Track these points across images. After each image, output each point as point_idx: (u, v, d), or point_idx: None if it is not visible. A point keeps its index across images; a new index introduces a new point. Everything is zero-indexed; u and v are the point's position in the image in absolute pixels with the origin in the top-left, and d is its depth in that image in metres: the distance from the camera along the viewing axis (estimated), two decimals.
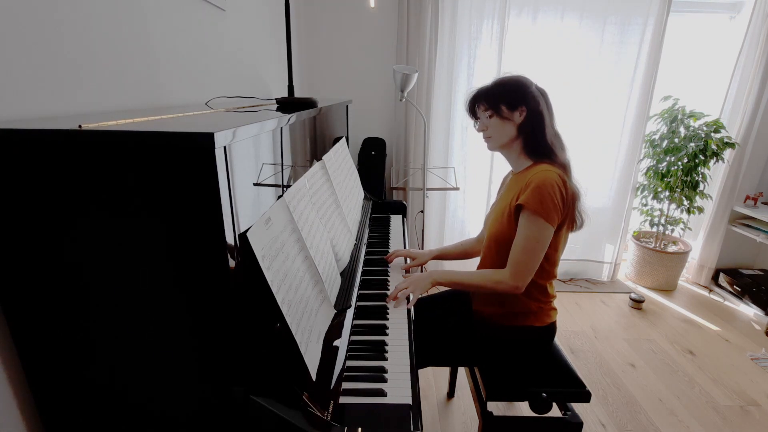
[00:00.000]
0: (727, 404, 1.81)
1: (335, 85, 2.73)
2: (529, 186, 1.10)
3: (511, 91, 1.17)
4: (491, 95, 1.19)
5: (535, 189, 1.08)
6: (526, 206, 1.09)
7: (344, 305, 1.02)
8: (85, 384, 0.69)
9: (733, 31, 2.72)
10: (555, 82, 2.57)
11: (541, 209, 1.07)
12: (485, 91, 1.20)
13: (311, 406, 0.70)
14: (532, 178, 1.11)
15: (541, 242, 1.10)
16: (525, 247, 1.11)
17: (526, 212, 1.10)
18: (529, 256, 1.11)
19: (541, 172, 1.11)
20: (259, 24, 1.81)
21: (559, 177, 1.10)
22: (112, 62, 0.89)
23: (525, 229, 1.11)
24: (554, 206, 1.08)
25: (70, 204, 0.59)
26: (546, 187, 1.07)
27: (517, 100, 1.16)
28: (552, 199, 1.07)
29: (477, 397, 1.28)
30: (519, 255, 1.12)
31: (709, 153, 2.54)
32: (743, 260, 2.94)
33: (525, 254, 1.11)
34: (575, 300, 2.71)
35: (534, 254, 1.11)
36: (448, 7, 2.49)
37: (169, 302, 0.63)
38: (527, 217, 1.10)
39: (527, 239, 1.10)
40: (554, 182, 1.08)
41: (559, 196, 1.08)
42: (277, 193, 0.88)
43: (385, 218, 1.89)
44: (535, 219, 1.09)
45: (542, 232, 1.09)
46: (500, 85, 1.19)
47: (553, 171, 1.11)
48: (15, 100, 0.67)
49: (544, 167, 1.13)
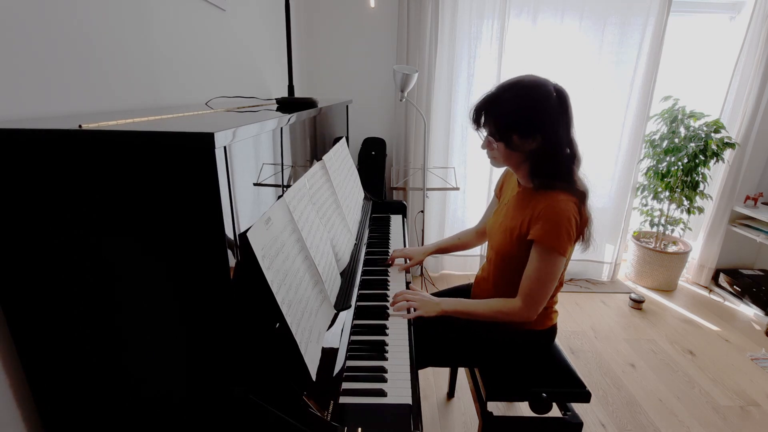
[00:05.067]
0: (727, 404, 1.81)
1: (335, 85, 2.73)
2: (541, 219, 1.04)
3: (526, 117, 1.02)
4: (502, 120, 1.04)
5: (550, 224, 1.02)
6: (539, 242, 1.04)
7: (344, 305, 1.02)
8: (85, 384, 0.69)
9: (733, 31, 2.72)
10: None
11: (557, 244, 1.02)
12: (496, 110, 1.05)
13: (311, 406, 0.69)
14: (545, 211, 1.03)
15: (555, 274, 1.06)
16: (539, 279, 1.06)
17: (540, 247, 1.05)
18: (542, 287, 1.07)
19: (556, 204, 1.02)
20: (259, 24, 1.81)
21: (574, 206, 1.03)
22: (113, 62, 0.89)
23: (539, 262, 1.06)
24: (569, 238, 1.03)
25: (70, 204, 0.59)
26: (562, 222, 1.01)
27: (533, 129, 1.02)
28: (567, 233, 1.02)
29: (477, 398, 1.28)
30: (531, 285, 1.07)
31: (709, 153, 2.54)
32: (743, 260, 2.94)
33: (539, 286, 1.07)
34: (575, 300, 2.71)
35: (547, 285, 1.07)
36: (448, 7, 2.49)
37: (169, 302, 0.63)
38: (541, 252, 1.05)
39: (541, 272, 1.06)
40: (570, 215, 1.02)
41: (574, 227, 1.03)
42: (277, 193, 0.88)
43: (385, 218, 1.89)
44: (550, 254, 1.04)
45: (556, 265, 1.05)
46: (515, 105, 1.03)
47: (569, 201, 1.03)
48: (15, 100, 0.67)
49: (559, 198, 1.03)
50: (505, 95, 1.05)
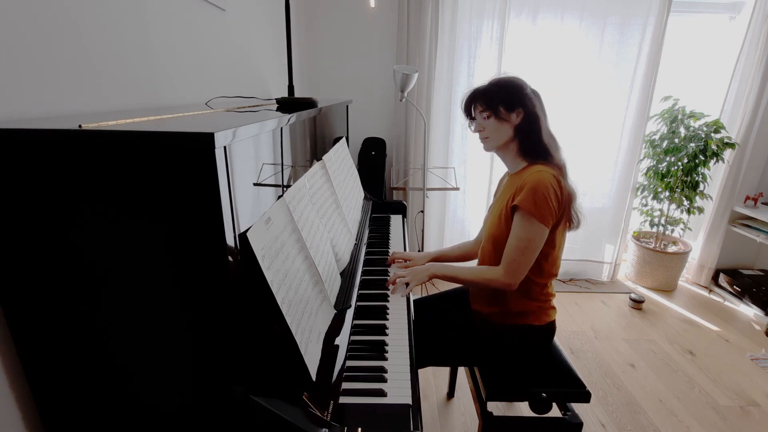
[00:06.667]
0: (727, 404, 1.81)
1: (335, 85, 2.73)
2: (524, 187, 1.11)
3: (509, 92, 1.17)
4: (489, 96, 1.19)
5: (530, 190, 1.09)
6: (520, 207, 1.11)
7: (344, 305, 1.02)
8: (86, 384, 0.69)
9: (733, 31, 2.72)
10: (555, 83, 2.58)
11: (535, 210, 1.09)
12: (482, 92, 1.20)
13: (311, 406, 0.70)
14: (527, 180, 1.12)
15: (534, 242, 1.11)
16: (518, 246, 1.12)
17: (520, 212, 1.12)
18: (521, 255, 1.12)
19: (536, 173, 1.12)
20: (259, 24, 1.81)
21: (553, 177, 1.11)
22: (113, 62, 0.89)
23: (518, 228, 1.13)
24: (548, 207, 1.09)
25: (70, 204, 0.59)
26: (540, 188, 1.09)
27: (515, 102, 1.16)
28: (546, 200, 1.08)
29: (477, 397, 1.28)
30: (512, 254, 1.13)
31: (709, 153, 2.54)
32: (743, 260, 2.94)
33: (517, 253, 1.12)
34: (575, 300, 2.70)
35: (526, 253, 1.12)
36: (448, 7, 2.49)
37: (169, 302, 0.63)
38: (521, 218, 1.12)
39: (520, 239, 1.12)
40: (549, 183, 1.09)
41: (554, 197, 1.09)
42: (277, 193, 0.88)
43: (385, 218, 1.89)
44: (529, 219, 1.10)
45: (535, 233, 1.11)
46: (497, 85, 1.19)
47: (548, 172, 1.12)
48: (15, 100, 0.67)
49: (539, 168, 1.14)
50: (488, 83, 1.22)
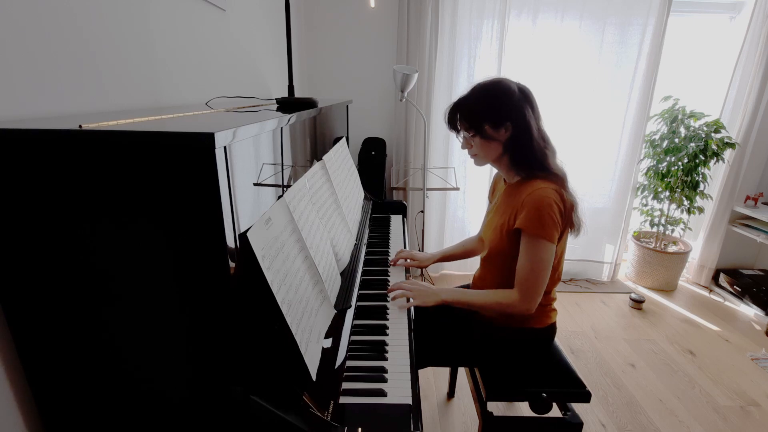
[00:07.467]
0: (727, 404, 1.81)
1: (335, 85, 2.73)
2: (524, 207, 1.07)
3: (493, 107, 1.09)
4: (473, 114, 1.11)
5: (533, 211, 1.05)
6: (525, 231, 1.07)
7: (344, 305, 1.02)
8: (86, 384, 0.69)
9: (733, 31, 2.72)
10: (555, 83, 2.58)
11: (542, 230, 1.05)
12: (466, 108, 1.13)
13: (311, 406, 0.69)
14: (527, 199, 1.07)
15: (545, 261, 1.08)
16: (532, 269, 1.08)
17: (527, 236, 1.08)
18: (536, 278, 1.08)
19: (536, 191, 1.06)
20: (260, 24, 1.81)
21: (555, 192, 1.06)
22: (113, 62, 0.89)
23: (528, 252, 1.08)
24: (554, 224, 1.05)
25: (70, 204, 0.59)
26: (544, 207, 1.04)
27: (502, 117, 1.09)
28: (551, 218, 1.05)
29: (477, 397, 1.28)
30: (527, 277, 1.09)
31: (710, 153, 2.54)
32: (743, 260, 2.94)
33: (533, 275, 1.08)
34: (575, 300, 2.70)
35: (541, 274, 1.08)
36: (448, 7, 2.49)
37: (169, 302, 0.63)
38: (528, 241, 1.08)
39: (532, 262, 1.08)
40: (552, 200, 1.05)
41: (557, 212, 1.06)
42: (277, 193, 0.88)
43: (385, 218, 1.89)
44: (537, 240, 1.06)
45: (545, 251, 1.07)
46: (481, 99, 1.11)
47: (549, 188, 1.07)
48: (15, 100, 0.67)
49: (539, 186, 1.07)
50: (471, 94, 1.13)
